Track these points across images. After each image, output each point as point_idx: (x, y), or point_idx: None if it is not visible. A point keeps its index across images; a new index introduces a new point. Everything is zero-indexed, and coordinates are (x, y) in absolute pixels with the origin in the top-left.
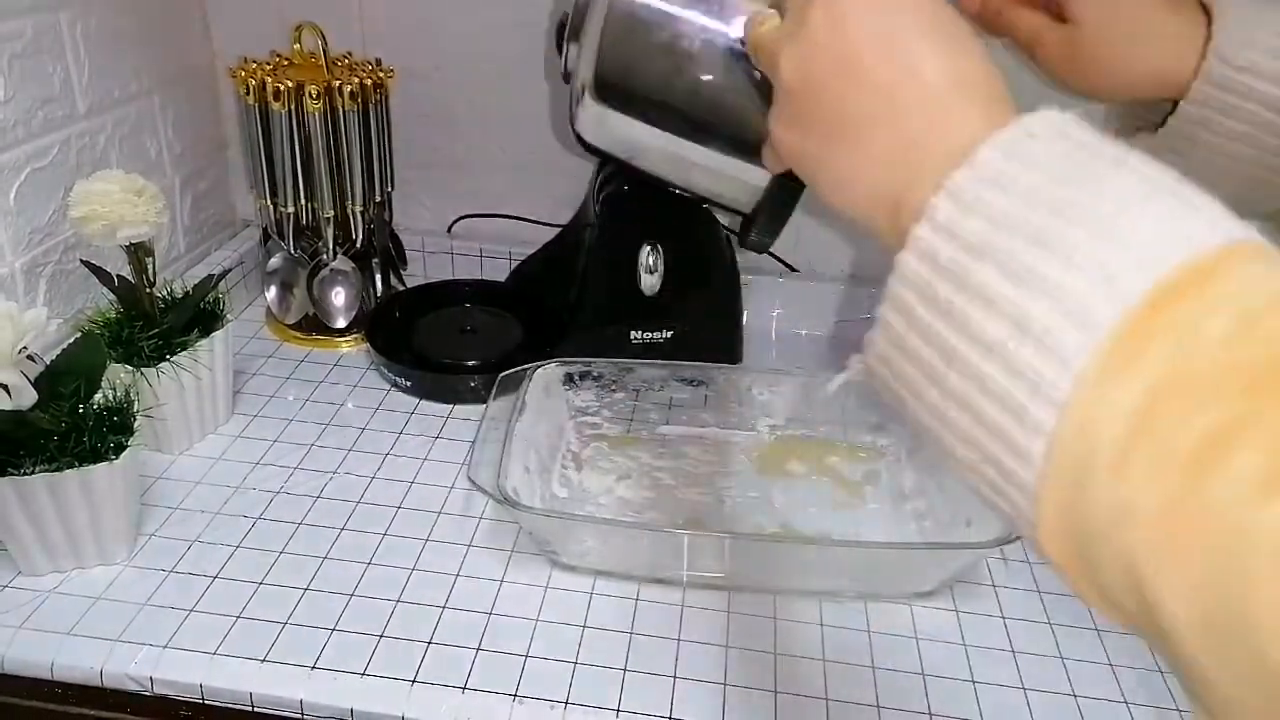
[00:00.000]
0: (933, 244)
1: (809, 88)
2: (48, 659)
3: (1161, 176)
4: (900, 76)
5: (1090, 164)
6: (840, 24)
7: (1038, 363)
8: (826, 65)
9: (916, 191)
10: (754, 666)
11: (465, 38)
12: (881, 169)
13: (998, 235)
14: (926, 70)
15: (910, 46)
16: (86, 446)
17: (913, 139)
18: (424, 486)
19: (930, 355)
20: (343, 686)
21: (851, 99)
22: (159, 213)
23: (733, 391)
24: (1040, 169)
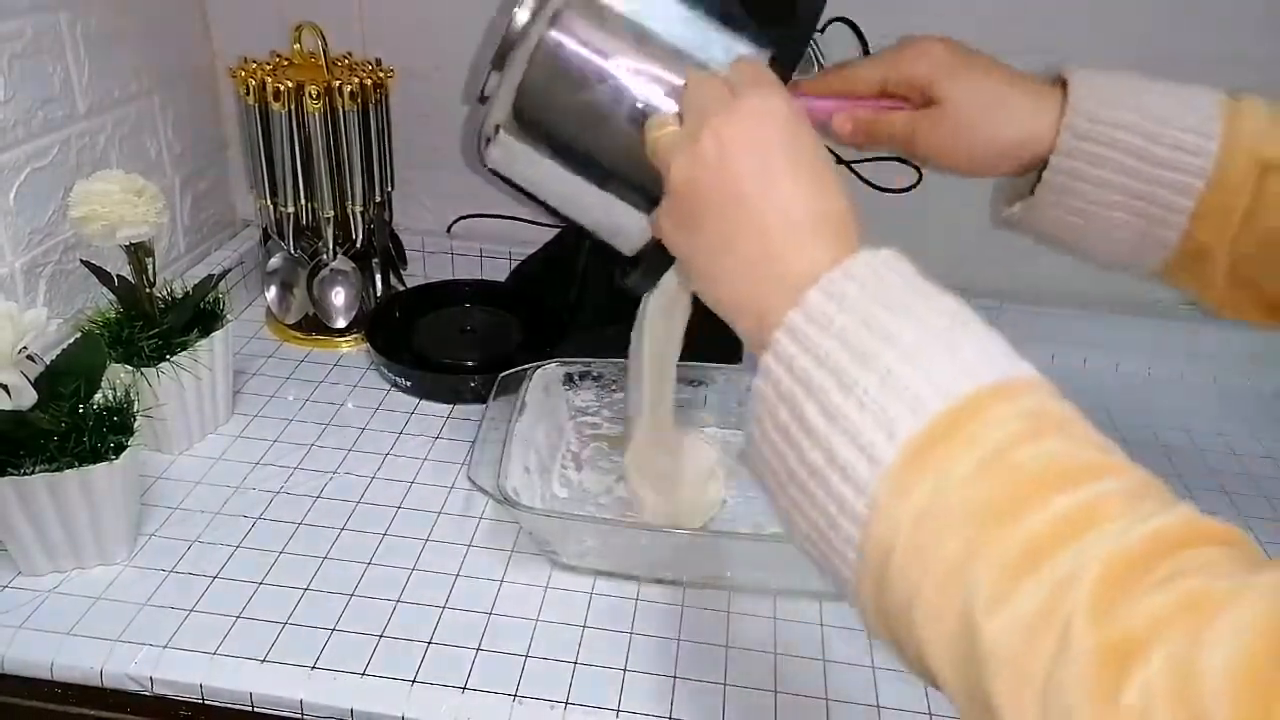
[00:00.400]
0: (776, 372)
1: (694, 199)
2: (48, 659)
3: (942, 319)
4: (770, 207)
5: (890, 306)
6: (726, 154)
7: (843, 488)
8: (711, 187)
9: (772, 312)
10: (754, 666)
11: (465, 38)
12: (746, 280)
13: (819, 373)
14: (792, 205)
15: (781, 183)
16: (86, 446)
17: (771, 263)
18: (424, 486)
19: (778, 468)
20: (343, 686)
21: (729, 218)
22: (159, 213)
23: (733, 391)
24: (852, 312)
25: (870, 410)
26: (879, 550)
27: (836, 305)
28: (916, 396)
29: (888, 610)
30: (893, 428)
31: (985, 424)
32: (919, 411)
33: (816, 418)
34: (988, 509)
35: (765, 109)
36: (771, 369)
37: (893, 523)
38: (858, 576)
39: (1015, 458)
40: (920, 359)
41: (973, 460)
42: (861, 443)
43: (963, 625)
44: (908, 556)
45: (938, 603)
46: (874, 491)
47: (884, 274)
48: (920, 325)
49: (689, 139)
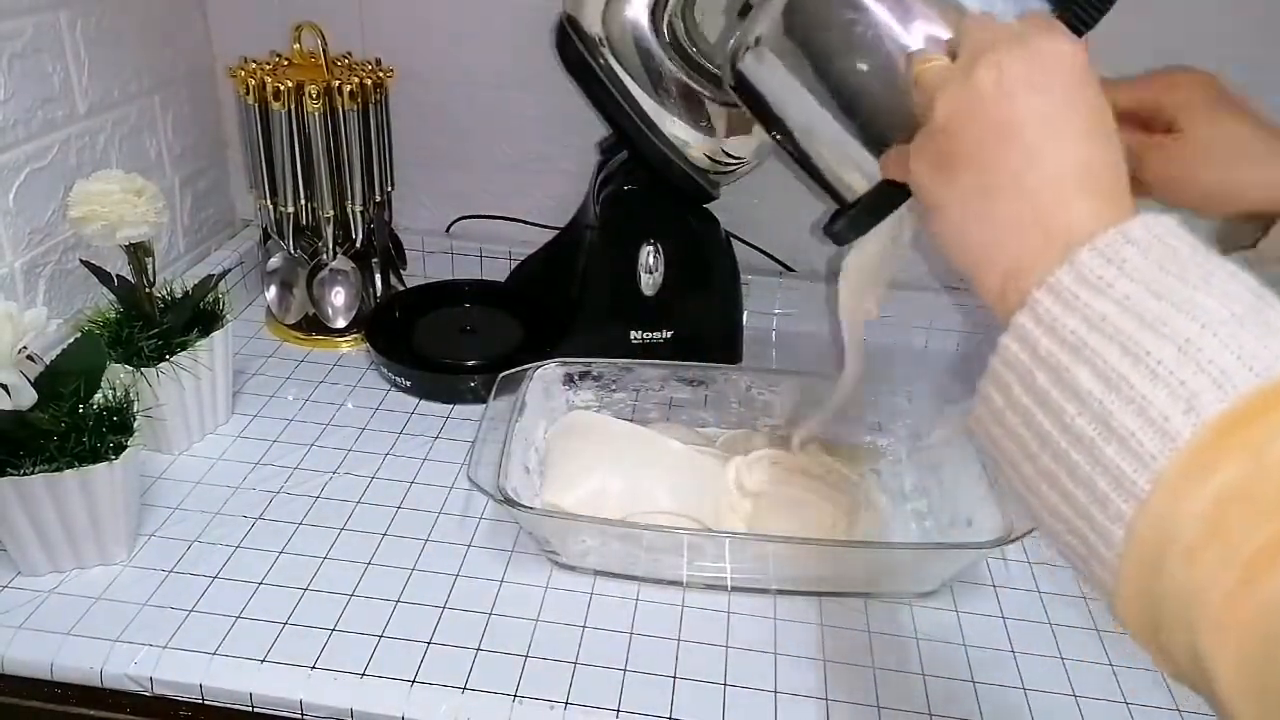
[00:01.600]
0: (1033, 334)
1: (960, 138)
2: (47, 659)
3: (1246, 295)
4: (1046, 153)
5: (1182, 276)
6: (1006, 89)
7: (1121, 461)
8: (983, 123)
9: (1025, 273)
10: (754, 666)
11: (465, 38)
12: (1000, 232)
13: (1092, 336)
14: (1066, 154)
15: (1061, 130)
16: (86, 446)
17: (1036, 216)
18: (424, 486)
19: (1027, 435)
20: (342, 687)
21: (996, 159)
22: (158, 213)
23: (733, 391)
24: (1135, 278)
25: (1164, 381)
26: (1158, 531)
27: (1116, 270)
28: (1224, 371)
29: (1158, 596)
30: (1194, 402)
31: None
32: (1227, 388)
33: (1090, 382)
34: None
35: (1056, 50)
36: (1027, 330)
37: (1185, 503)
38: (1121, 557)
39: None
40: (1226, 332)
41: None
42: (1151, 414)
43: (1268, 623)
44: (1204, 540)
45: (1237, 594)
46: (1160, 468)
47: (1170, 242)
48: (1222, 297)
49: (963, 71)
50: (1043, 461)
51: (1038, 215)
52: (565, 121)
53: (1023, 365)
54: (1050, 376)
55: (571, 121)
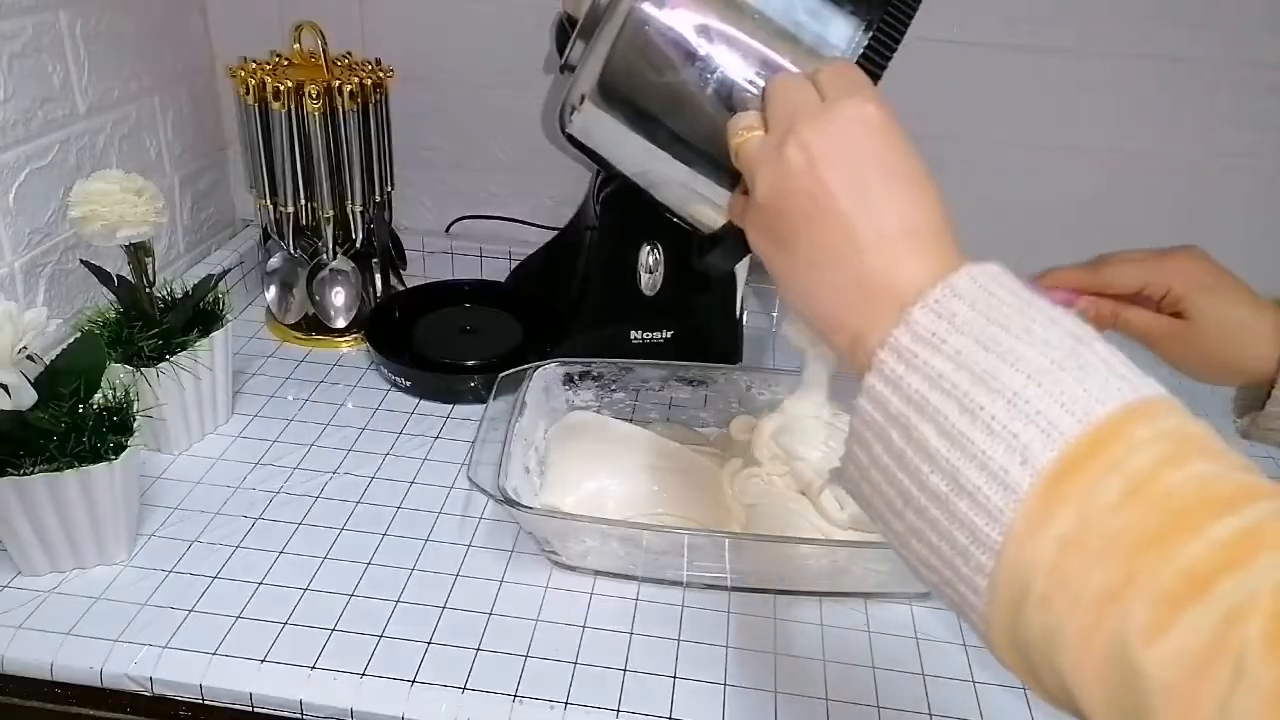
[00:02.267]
0: (883, 394)
1: (781, 215)
2: (48, 659)
3: (1065, 339)
4: (864, 221)
5: (1006, 326)
6: (815, 165)
7: (973, 515)
8: (799, 201)
9: (869, 333)
10: (754, 666)
11: (465, 37)
12: (838, 298)
13: (934, 394)
14: (887, 219)
15: (874, 195)
16: (86, 446)
17: (866, 279)
18: (424, 486)
19: (891, 493)
20: (342, 687)
21: (819, 233)
22: (158, 213)
23: (733, 391)
24: (965, 331)
25: (999, 435)
26: (1015, 579)
27: (948, 325)
28: (1050, 420)
29: (1024, 639)
30: (1026, 453)
31: (1127, 447)
32: (1054, 436)
33: (936, 440)
34: (1140, 537)
35: (857, 115)
36: (877, 390)
37: (1032, 552)
38: (988, 605)
39: (1164, 483)
40: (1048, 380)
41: (1119, 486)
42: (992, 469)
43: (1117, 657)
44: (1050, 587)
45: (1087, 634)
46: (1009, 520)
47: (994, 290)
48: (1044, 345)
49: (775, 148)
50: (908, 518)
51: (868, 282)
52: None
53: (878, 424)
54: (902, 435)
55: None
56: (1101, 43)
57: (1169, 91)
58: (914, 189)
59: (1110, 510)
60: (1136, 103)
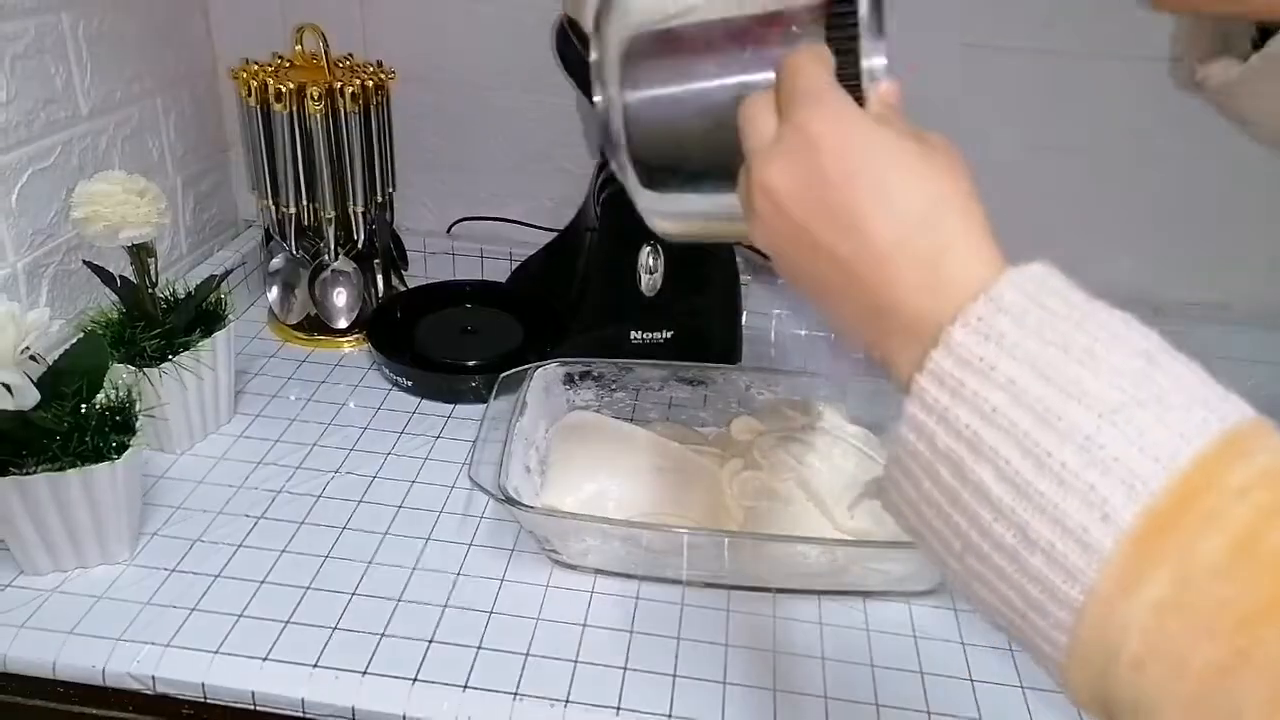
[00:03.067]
0: (928, 425)
1: (778, 260)
2: (50, 658)
3: (1135, 361)
4: (846, 243)
5: (1065, 348)
6: (780, 209)
7: (1049, 573)
8: (783, 241)
9: (897, 357)
10: (754, 666)
11: (466, 39)
12: (859, 327)
13: (988, 432)
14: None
15: (843, 210)
16: (89, 446)
17: (875, 304)
18: (425, 486)
19: (946, 533)
20: (344, 685)
21: (812, 269)
22: (161, 213)
23: (732, 391)
24: (1016, 356)
25: (1074, 488)
26: (1103, 639)
27: (995, 347)
28: (1130, 470)
29: (1111, 700)
30: (1107, 509)
31: (1224, 496)
32: (1137, 488)
33: (998, 488)
34: (1252, 607)
35: (802, 139)
36: (920, 420)
37: (1120, 616)
38: (1069, 658)
39: (1272, 541)
40: (1122, 419)
41: (1221, 545)
42: (1068, 525)
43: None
44: (1146, 654)
45: (1195, 704)
46: (1091, 581)
47: (1044, 300)
48: (1111, 372)
49: (747, 195)
50: (969, 562)
51: (875, 308)
52: (565, 122)
53: (924, 458)
54: (954, 473)
55: (572, 121)
56: (1101, 43)
57: (1169, 90)
58: (886, 195)
59: (1214, 574)
60: (1137, 103)
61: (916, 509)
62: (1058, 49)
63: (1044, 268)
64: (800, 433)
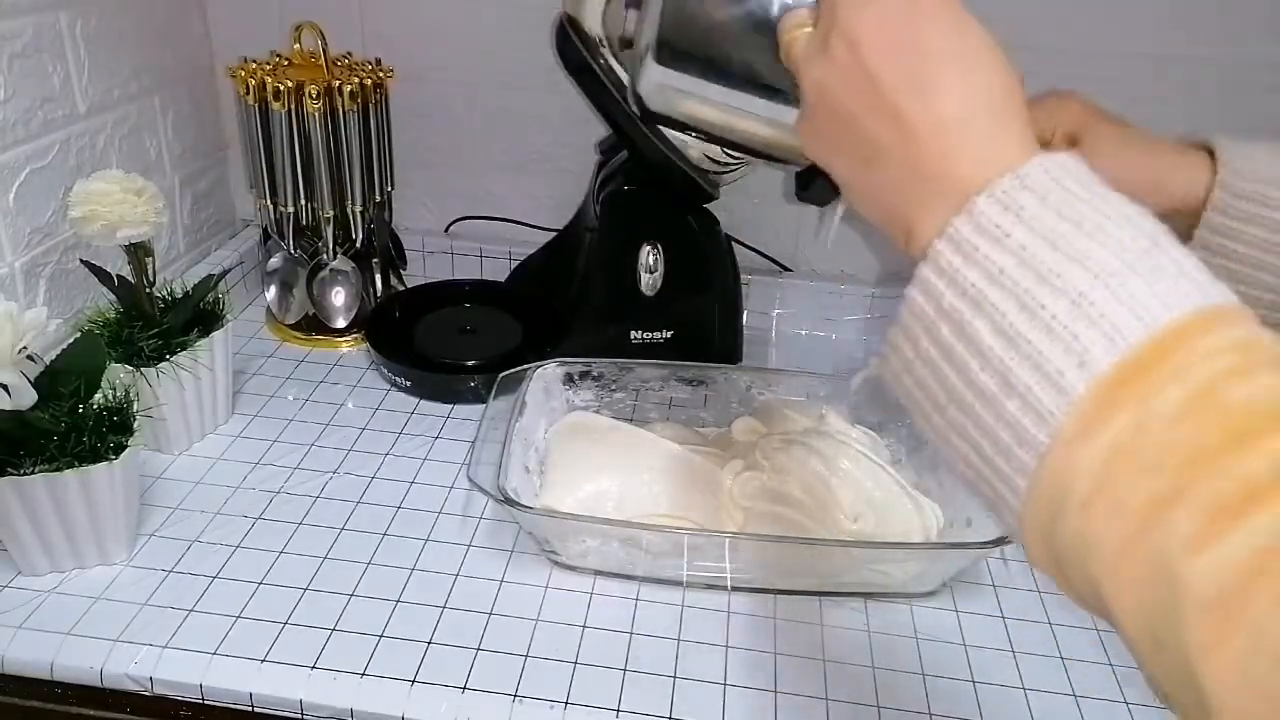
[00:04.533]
0: (937, 286)
1: (828, 110)
2: (48, 659)
3: (1141, 239)
4: (914, 104)
5: (1079, 223)
6: (860, 56)
7: (1021, 416)
8: (844, 91)
9: (925, 224)
10: (754, 666)
11: (465, 38)
12: (895, 193)
13: (992, 290)
14: (940, 98)
15: (927, 81)
16: (86, 446)
17: (923, 169)
18: (424, 486)
19: (935, 386)
20: (343, 686)
21: (867, 125)
22: (158, 213)
23: (733, 391)
24: (1033, 226)
25: (1059, 336)
26: (1058, 483)
27: (1014, 218)
28: (1115, 324)
29: (1059, 542)
30: (1085, 356)
31: (1193, 356)
32: (1117, 340)
33: (991, 337)
34: (1197, 449)
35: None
36: (931, 282)
37: (1077, 457)
38: (1026, 506)
39: (1229, 395)
40: (1116, 282)
41: (1180, 396)
42: (1047, 370)
43: (1158, 566)
44: (1093, 492)
45: (1128, 542)
46: (1058, 423)
47: (1067, 184)
48: (1115, 245)
49: (819, 41)
50: (951, 413)
51: (922, 172)
52: (565, 121)
53: (928, 317)
54: (953, 329)
55: (571, 121)
56: (1101, 43)
57: (1169, 92)
58: (969, 73)
59: (1168, 420)
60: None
61: (911, 369)
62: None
63: (1073, 159)
64: (802, 435)
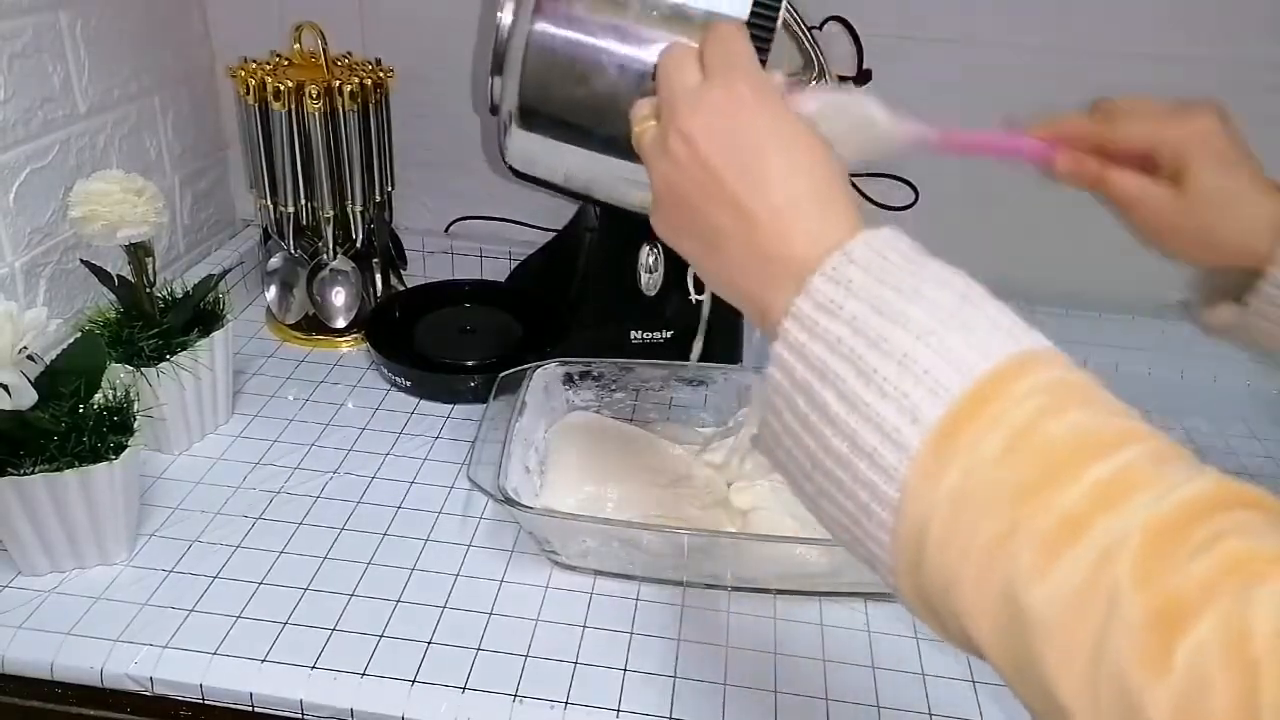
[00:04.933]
0: (789, 362)
1: (674, 200)
2: (48, 659)
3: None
4: (749, 193)
5: (898, 289)
6: (696, 152)
7: (871, 474)
8: (687, 186)
9: (774, 304)
10: (754, 667)
11: (465, 37)
12: (742, 275)
13: (833, 360)
14: (770, 185)
15: (758, 172)
16: (86, 446)
17: (765, 251)
18: (424, 486)
19: (801, 456)
20: (343, 686)
21: (709, 213)
22: (159, 212)
23: (732, 391)
24: (861, 297)
25: (891, 397)
26: (913, 533)
27: (844, 291)
28: (936, 380)
29: (926, 588)
30: (916, 413)
31: (1009, 401)
32: (940, 394)
33: (837, 405)
34: (1022, 486)
35: (727, 95)
36: (784, 357)
37: (925, 506)
38: (893, 558)
39: (1043, 433)
40: (935, 340)
41: (1001, 439)
42: (886, 429)
43: (1006, 600)
44: (944, 538)
45: (978, 580)
46: (903, 477)
47: (887, 254)
48: (930, 305)
49: (661, 140)
50: (816, 479)
51: (765, 255)
52: None
53: (785, 390)
54: (807, 400)
55: None
56: (1101, 43)
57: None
58: (795, 158)
59: (993, 463)
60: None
61: (780, 441)
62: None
63: (892, 230)
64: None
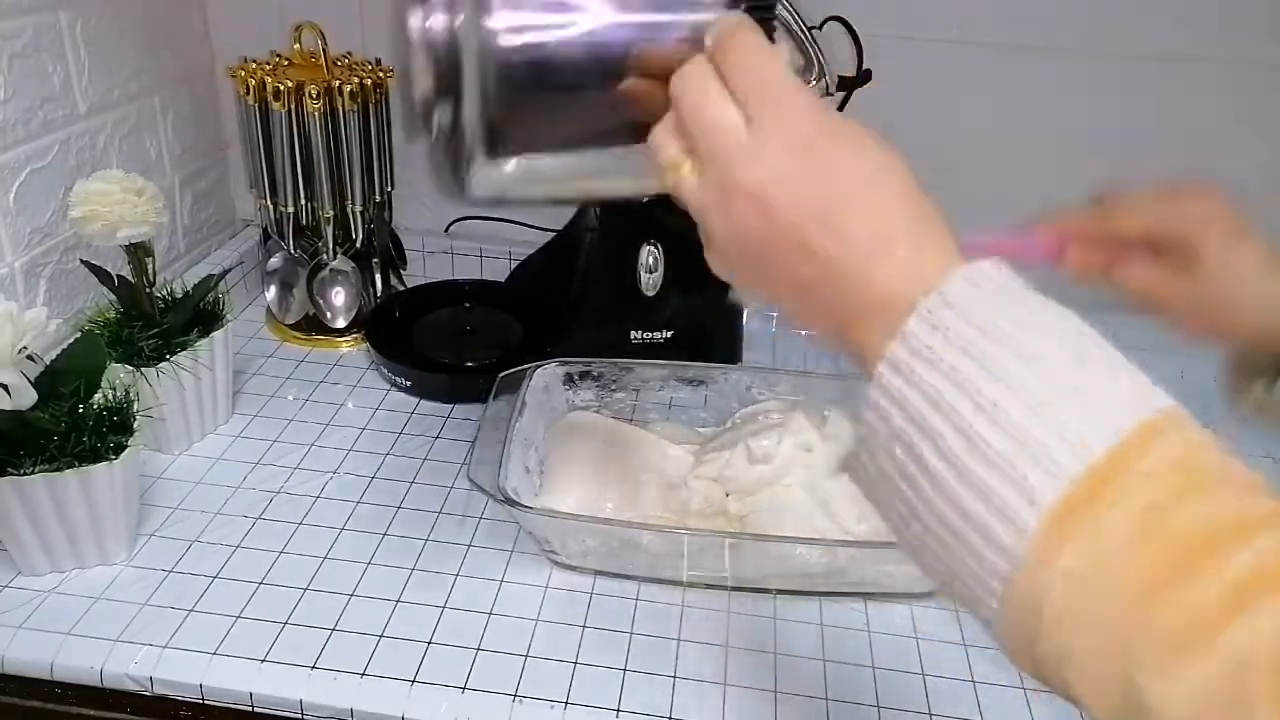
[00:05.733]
0: (884, 408)
1: (747, 256)
2: (48, 659)
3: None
4: (829, 243)
5: (1001, 341)
6: (766, 211)
7: (982, 547)
8: (758, 241)
9: (870, 346)
10: (754, 666)
11: None
12: (829, 317)
13: (934, 417)
14: (854, 229)
15: (834, 211)
16: (86, 446)
17: (851, 298)
18: (424, 486)
19: (898, 504)
20: (343, 686)
21: (788, 266)
22: (159, 212)
23: (732, 391)
24: (959, 346)
25: (1000, 469)
26: (1026, 606)
27: (942, 338)
28: (1052, 459)
29: (1037, 658)
30: (1032, 494)
31: (1132, 480)
32: (1057, 475)
33: (937, 464)
34: (1148, 579)
35: (790, 141)
36: (879, 404)
37: (1041, 584)
38: (1001, 622)
39: (1171, 522)
40: (1048, 410)
41: (1126, 526)
42: (996, 503)
43: (1127, 693)
44: (1061, 619)
45: (1097, 668)
46: (1018, 556)
47: (987, 295)
48: (1040, 365)
49: (718, 198)
50: (915, 529)
51: (853, 300)
52: None
53: (882, 435)
54: (906, 451)
55: None
56: (1101, 42)
57: (1169, 92)
58: (880, 195)
59: (1118, 551)
60: (1135, 103)
61: (875, 483)
62: (1059, 47)
63: (992, 265)
64: (804, 435)
